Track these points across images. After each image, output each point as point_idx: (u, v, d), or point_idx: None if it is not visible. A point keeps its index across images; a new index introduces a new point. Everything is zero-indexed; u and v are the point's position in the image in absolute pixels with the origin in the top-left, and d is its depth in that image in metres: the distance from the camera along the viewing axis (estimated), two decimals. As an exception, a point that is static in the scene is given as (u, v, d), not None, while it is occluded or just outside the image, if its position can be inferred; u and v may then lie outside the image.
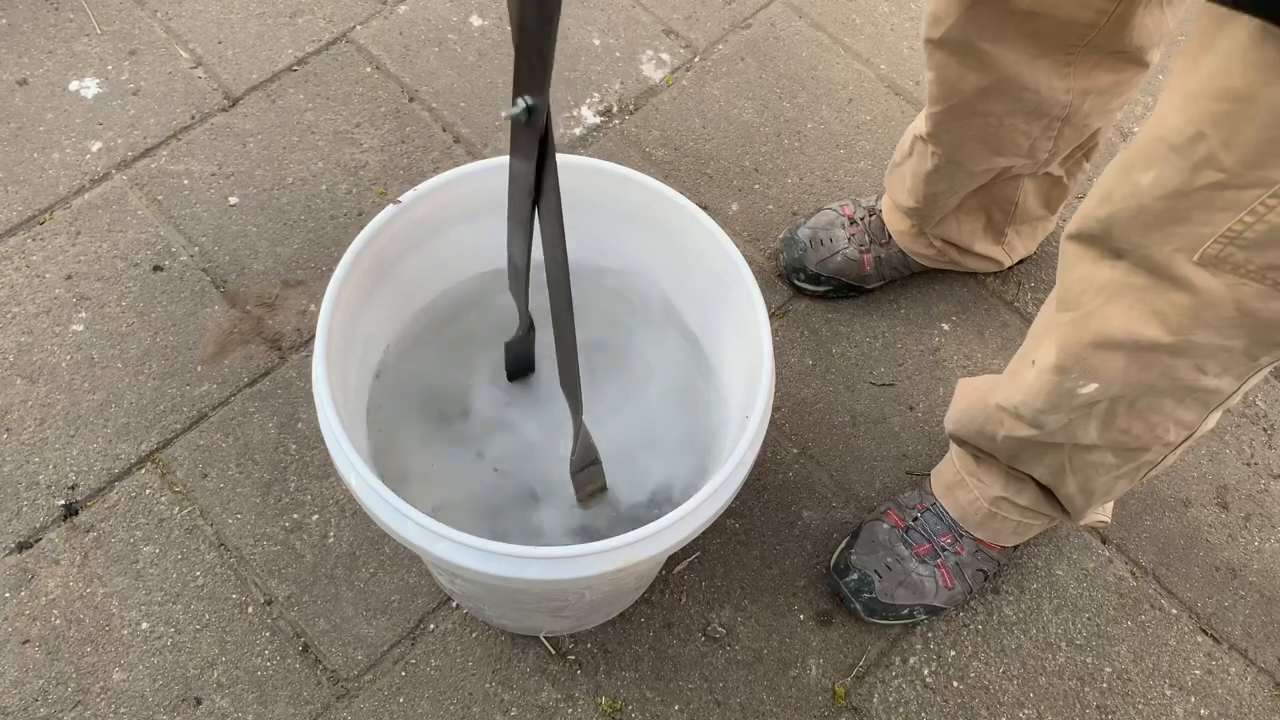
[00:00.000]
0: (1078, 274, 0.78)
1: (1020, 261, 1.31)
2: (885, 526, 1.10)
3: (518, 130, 0.67)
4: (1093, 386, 0.81)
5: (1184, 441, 0.86)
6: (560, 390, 0.84)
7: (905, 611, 1.07)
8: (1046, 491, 0.98)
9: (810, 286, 1.28)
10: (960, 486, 1.06)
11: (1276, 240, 0.64)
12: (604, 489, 0.94)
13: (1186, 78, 0.65)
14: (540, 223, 0.72)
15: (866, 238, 1.26)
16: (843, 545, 1.11)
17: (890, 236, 1.26)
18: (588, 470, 0.91)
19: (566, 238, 0.71)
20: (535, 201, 0.71)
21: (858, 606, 1.07)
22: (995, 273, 1.33)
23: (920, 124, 1.11)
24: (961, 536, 1.07)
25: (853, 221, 1.28)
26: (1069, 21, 0.91)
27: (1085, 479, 0.92)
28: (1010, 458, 0.96)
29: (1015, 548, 1.11)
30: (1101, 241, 0.74)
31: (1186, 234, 0.67)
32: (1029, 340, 0.91)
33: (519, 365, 0.99)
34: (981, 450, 1.00)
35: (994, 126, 1.03)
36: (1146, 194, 0.68)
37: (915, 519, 1.10)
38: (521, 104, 0.62)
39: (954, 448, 1.07)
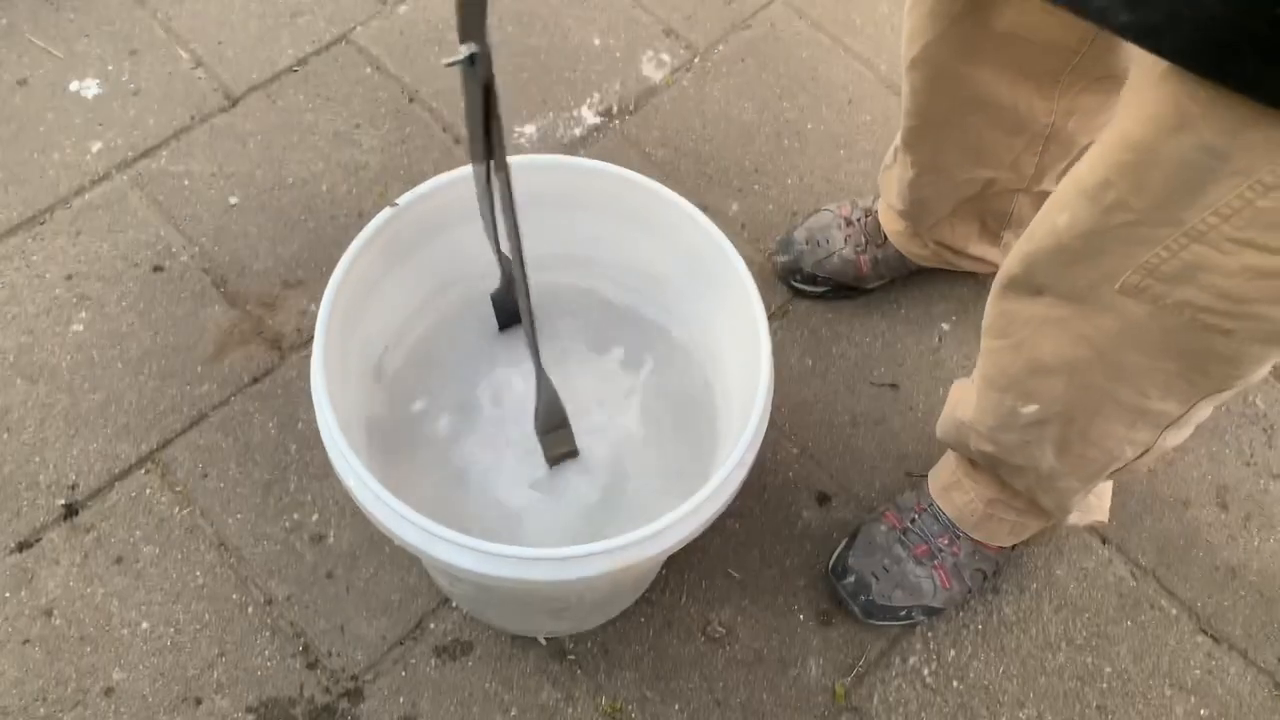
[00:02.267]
0: (1002, 308, 0.79)
1: None
2: (883, 528, 1.10)
3: (467, 79, 0.67)
4: (1033, 407, 0.81)
5: (1144, 454, 0.86)
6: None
7: (903, 613, 1.07)
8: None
9: (808, 287, 1.28)
10: (956, 488, 1.06)
11: (1190, 277, 0.64)
12: (574, 452, 0.95)
13: (1107, 125, 0.65)
14: (493, 168, 0.73)
15: (863, 238, 1.26)
16: (840, 547, 1.11)
17: (886, 237, 1.26)
18: (556, 433, 0.92)
19: (566, 236, 0.71)
20: (488, 144, 0.71)
21: (855, 609, 1.07)
22: (993, 273, 1.33)
23: (899, 134, 1.10)
24: (959, 537, 1.07)
25: (849, 222, 1.27)
26: (1051, 45, 0.89)
27: (1058, 497, 0.93)
28: (991, 467, 0.97)
29: (1013, 547, 1.11)
30: (1022, 282, 0.75)
31: (1106, 266, 0.68)
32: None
33: (508, 316, 1.01)
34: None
35: (974, 139, 1.02)
36: (1064, 234, 0.69)
37: (913, 520, 1.09)
38: (465, 50, 0.63)
39: (949, 450, 1.07)
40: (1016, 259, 0.75)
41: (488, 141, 0.71)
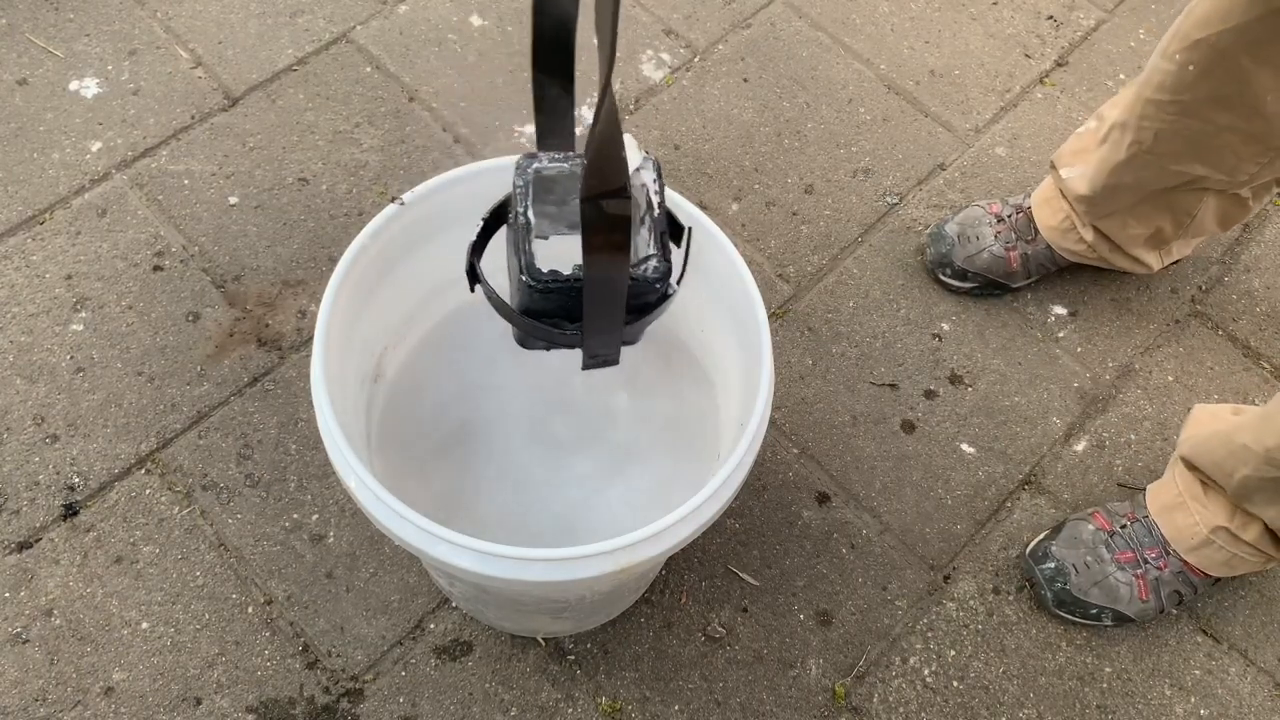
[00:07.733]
0: None
1: (1167, 266, 1.30)
2: (1091, 527, 1.10)
3: None
4: None
5: None
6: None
7: (1094, 612, 1.07)
8: (1274, 534, 0.98)
9: (956, 282, 1.29)
10: (1180, 509, 1.05)
11: None
12: (614, 360, 0.73)
13: None
14: None
15: (1013, 234, 1.26)
16: (1042, 536, 1.12)
17: (1037, 233, 1.25)
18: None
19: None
20: None
21: (1049, 595, 1.08)
22: (1135, 274, 1.31)
23: (1117, 112, 1.08)
24: (1169, 555, 1.07)
25: (1000, 219, 1.28)
26: None
27: None
28: (1241, 498, 0.96)
29: (1217, 580, 1.10)
30: None
31: None
32: None
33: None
34: (1211, 480, 1.00)
35: (1209, 134, 1.00)
36: None
37: (1123, 526, 1.09)
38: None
39: (1179, 469, 1.06)
40: None
41: None
